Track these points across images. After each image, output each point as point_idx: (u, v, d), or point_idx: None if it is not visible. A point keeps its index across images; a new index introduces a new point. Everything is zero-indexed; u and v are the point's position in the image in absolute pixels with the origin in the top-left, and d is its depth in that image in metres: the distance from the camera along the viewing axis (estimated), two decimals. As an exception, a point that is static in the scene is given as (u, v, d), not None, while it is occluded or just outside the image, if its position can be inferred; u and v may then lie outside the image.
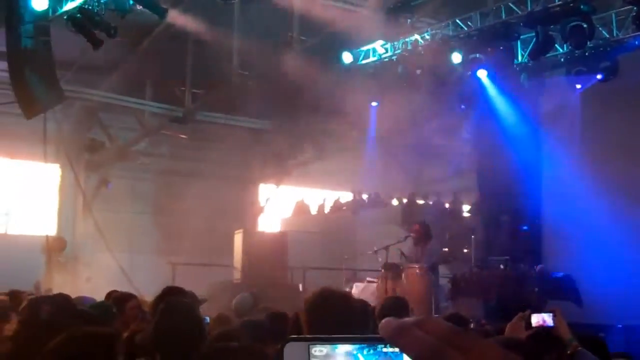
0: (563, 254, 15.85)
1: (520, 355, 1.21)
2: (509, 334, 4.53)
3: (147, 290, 11.39)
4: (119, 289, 8.54)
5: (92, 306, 7.33)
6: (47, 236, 19.77)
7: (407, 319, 1.17)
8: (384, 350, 1.26)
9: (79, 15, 14.65)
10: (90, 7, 14.57)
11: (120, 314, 7.27)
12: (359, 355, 1.27)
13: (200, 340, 4.61)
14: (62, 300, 6.46)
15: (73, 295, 9.06)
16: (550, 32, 15.98)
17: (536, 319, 4.67)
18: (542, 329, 4.62)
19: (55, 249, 20.20)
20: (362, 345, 1.27)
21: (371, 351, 1.26)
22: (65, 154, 21.00)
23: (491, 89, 18.19)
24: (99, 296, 8.70)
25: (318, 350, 1.27)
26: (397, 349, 1.21)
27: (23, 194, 24.34)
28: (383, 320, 1.19)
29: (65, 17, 14.86)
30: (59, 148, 20.77)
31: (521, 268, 15.49)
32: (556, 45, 16.39)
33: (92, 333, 3.94)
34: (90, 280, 18.54)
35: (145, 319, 6.24)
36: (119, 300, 7.77)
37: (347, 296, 4.66)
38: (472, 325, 9.16)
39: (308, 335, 1.38)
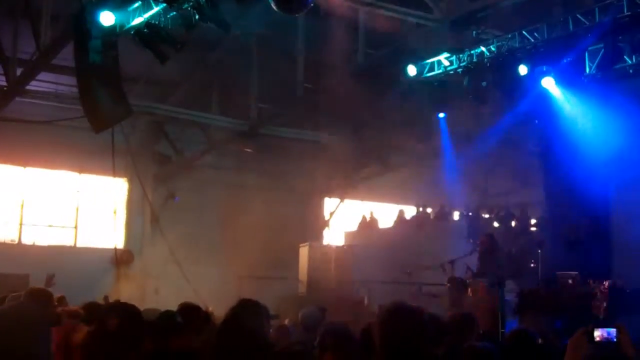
0: (636, 268, 15.48)
1: None
2: (571, 348, 4.43)
3: (214, 302, 11.46)
4: (186, 300, 8.54)
5: (160, 316, 7.36)
6: (115, 249, 19.99)
7: None
8: None
9: (145, 30, 14.78)
10: (156, 22, 14.70)
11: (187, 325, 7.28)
12: None
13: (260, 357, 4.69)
14: (130, 311, 6.51)
15: (141, 307, 9.14)
16: (619, 43, 15.71)
17: (599, 334, 4.57)
18: (605, 344, 4.51)
19: (124, 262, 20.42)
20: None
21: None
22: (133, 167, 21.21)
23: (558, 100, 17.93)
24: (168, 307, 8.73)
25: None
26: None
27: (91, 207, 24.71)
28: None
29: (132, 32, 15.04)
30: (127, 162, 21.01)
31: (590, 283, 15.19)
32: (625, 56, 16.10)
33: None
34: (159, 292, 18.73)
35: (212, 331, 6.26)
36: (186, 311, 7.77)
37: (420, 310, 4.65)
38: (539, 341, 9.01)
39: None
